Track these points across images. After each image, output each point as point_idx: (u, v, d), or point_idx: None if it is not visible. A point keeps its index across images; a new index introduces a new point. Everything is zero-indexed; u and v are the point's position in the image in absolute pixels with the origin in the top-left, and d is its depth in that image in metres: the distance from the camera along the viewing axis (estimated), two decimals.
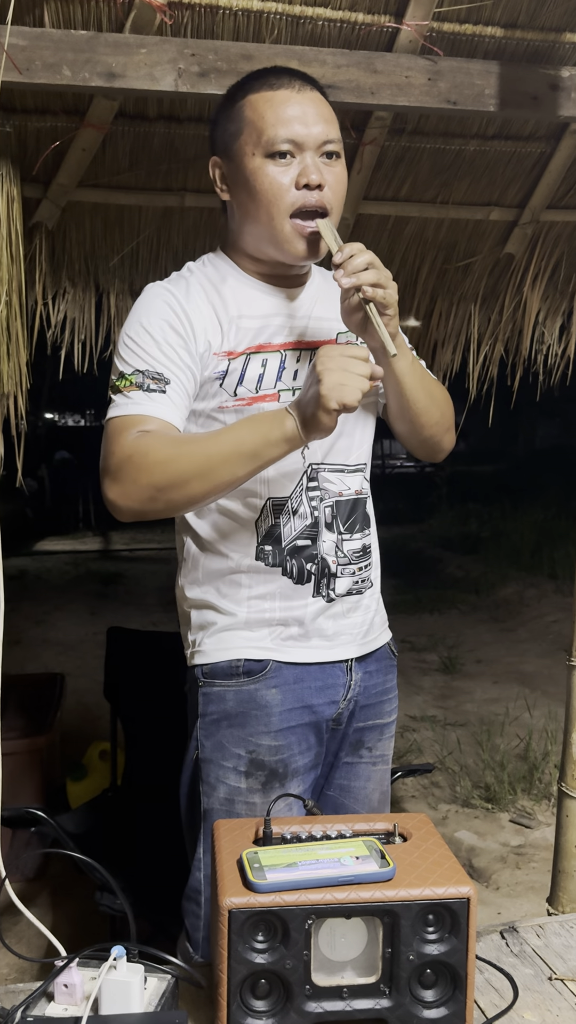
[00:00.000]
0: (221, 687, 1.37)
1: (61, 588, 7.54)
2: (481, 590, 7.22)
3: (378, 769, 1.52)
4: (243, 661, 1.37)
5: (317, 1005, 0.96)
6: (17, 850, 2.58)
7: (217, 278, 1.38)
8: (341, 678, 1.42)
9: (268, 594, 1.37)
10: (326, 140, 1.29)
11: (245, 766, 1.36)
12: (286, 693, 1.37)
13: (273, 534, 1.36)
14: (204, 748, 1.38)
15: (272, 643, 1.37)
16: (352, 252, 1.22)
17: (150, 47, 1.79)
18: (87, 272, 2.57)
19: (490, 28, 1.98)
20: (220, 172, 1.37)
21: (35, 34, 1.75)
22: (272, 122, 1.28)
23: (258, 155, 1.29)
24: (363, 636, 1.45)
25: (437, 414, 1.43)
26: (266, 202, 1.29)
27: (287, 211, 1.29)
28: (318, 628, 1.39)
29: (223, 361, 1.32)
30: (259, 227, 1.32)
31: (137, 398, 1.26)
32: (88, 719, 3.75)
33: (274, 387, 1.34)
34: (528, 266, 2.80)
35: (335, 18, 1.90)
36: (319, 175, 1.28)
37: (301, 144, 1.28)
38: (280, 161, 1.28)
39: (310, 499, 1.37)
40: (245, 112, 1.31)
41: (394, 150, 2.39)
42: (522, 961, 1.18)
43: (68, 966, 0.99)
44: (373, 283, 1.21)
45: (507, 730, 4.11)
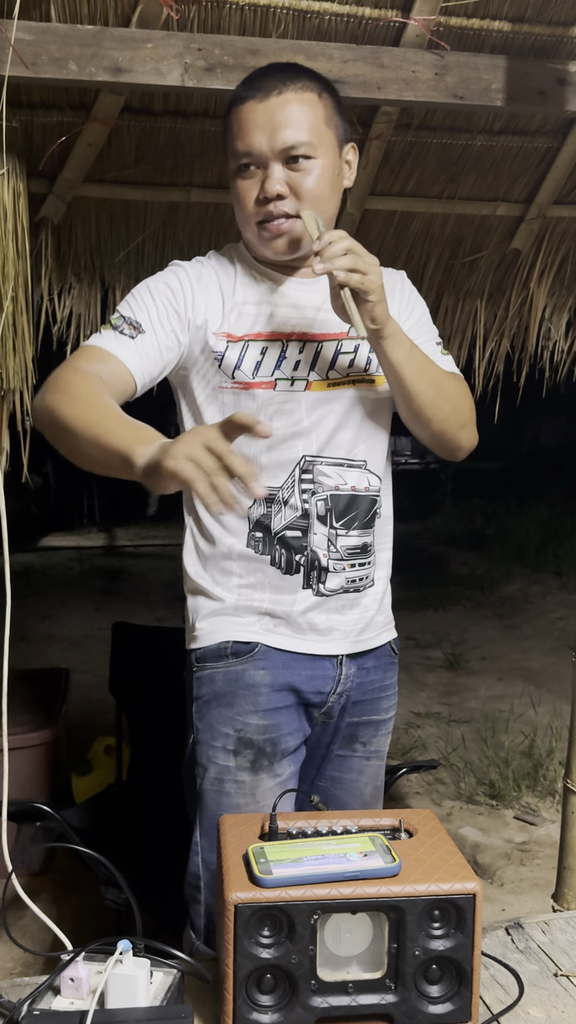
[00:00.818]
0: (211, 669, 1.40)
1: (66, 584, 7.55)
2: (486, 587, 7.21)
3: (371, 764, 1.52)
4: (231, 643, 1.39)
5: (322, 1000, 0.97)
6: (23, 844, 2.59)
7: (229, 265, 1.41)
8: (331, 671, 1.42)
9: (258, 584, 1.39)
10: (287, 147, 1.30)
11: (233, 744, 1.38)
12: (275, 675, 1.39)
13: (263, 523, 1.37)
14: (197, 730, 1.41)
15: (261, 628, 1.39)
16: (331, 239, 1.23)
17: (156, 42, 1.78)
18: (93, 267, 2.57)
19: (497, 22, 1.97)
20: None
21: (41, 28, 1.75)
22: (235, 135, 1.32)
23: (231, 167, 1.34)
24: (358, 634, 1.44)
25: (448, 408, 1.39)
26: (240, 213, 1.35)
27: (253, 221, 1.34)
28: (309, 622, 1.40)
29: (221, 342, 1.35)
30: (243, 231, 1.38)
31: (107, 336, 1.31)
32: (93, 714, 3.76)
33: (271, 375, 1.35)
34: (535, 262, 2.79)
35: (342, 12, 1.90)
36: (281, 185, 1.30)
37: (259, 156, 1.31)
38: (245, 174, 1.32)
39: (302, 491, 1.37)
40: (228, 123, 1.36)
41: (400, 145, 2.38)
42: (527, 957, 1.18)
43: (74, 960, 1.00)
44: (349, 268, 1.21)
45: (512, 727, 4.11)
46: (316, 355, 1.37)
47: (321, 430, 1.38)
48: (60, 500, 12.41)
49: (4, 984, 1.07)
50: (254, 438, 1.04)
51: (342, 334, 1.39)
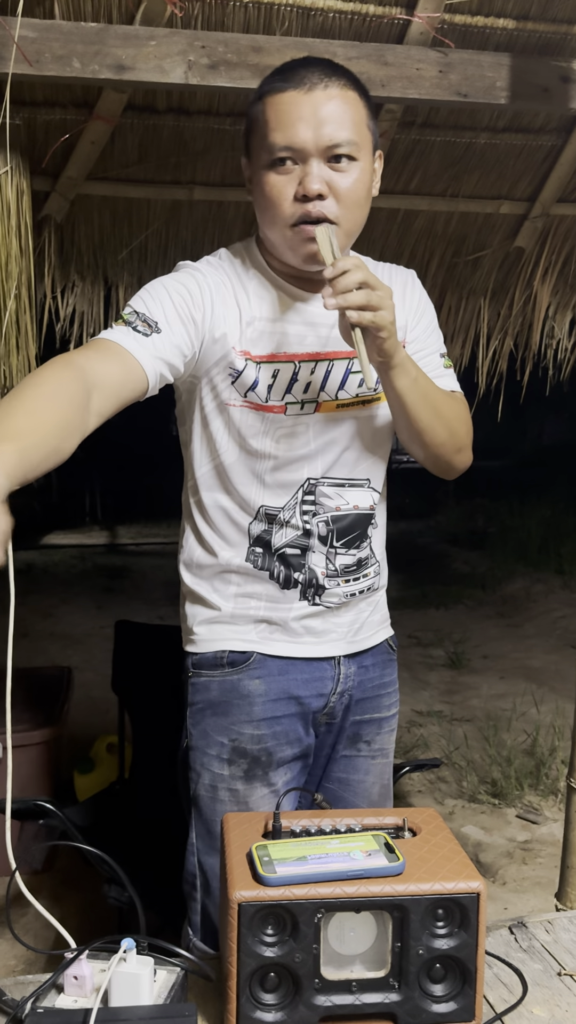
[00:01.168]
0: (207, 677, 1.40)
1: (68, 582, 7.55)
2: (488, 585, 7.20)
3: (377, 763, 1.51)
4: (227, 653, 1.39)
5: (326, 999, 0.96)
6: (25, 842, 2.59)
7: (244, 273, 1.33)
8: (329, 672, 1.42)
9: (255, 594, 1.38)
10: (332, 144, 1.21)
11: (228, 754, 1.38)
12: (270, 684, 1.38)
13: (264, 539, 1.36)
14: (192, 736, 1.41)
15: (257, 636, 1.39)
16: (345, 268, 1.14)
17: (160, 39, 1.78)
18: (96, 265, 2.57)
19: (501, 20, 1.97)
20: (247, 173, 1.32)
21: (45, 26, 1.75)
22: (273, 127, 1.21)
23: (263, 163, 1.24)
24: (353, 635, 1.44)
25: (445, 434, 1.35)
26: (270, 213, 1.25)
27: (287, 222, 1.23)
28: (305, 626, 1.39)
29: (240, 360, 1.29)
30: (269, 233, 1.28)
31: (119, 331, 1.21)
32: (95, 712, 3.76)
33: (281, 399, 1.30)
34: (538, 260, 2.79)
35: (346, 10, 1.90)
36: (321, 184, 1.20)
37: (301, 150, 1.20)
38: (281, 169, 1.22)
39: (303, 512, 1.35)
40: (257, 115, 1.26)
41: (404, 143, 2.38)
42: (531, 956, 1.18)
43: (78, 958, 1.00)
44: (362, 305, 1.14)
45: (514, 725, 4.11)
46: (327, 375, 1.33)
47: (327, 452, 1.35)
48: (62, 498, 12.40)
49: (7, 982, 1.07)
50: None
51: (353, 352, 1.32)
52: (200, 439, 1.36)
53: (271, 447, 1.33)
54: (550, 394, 3.18)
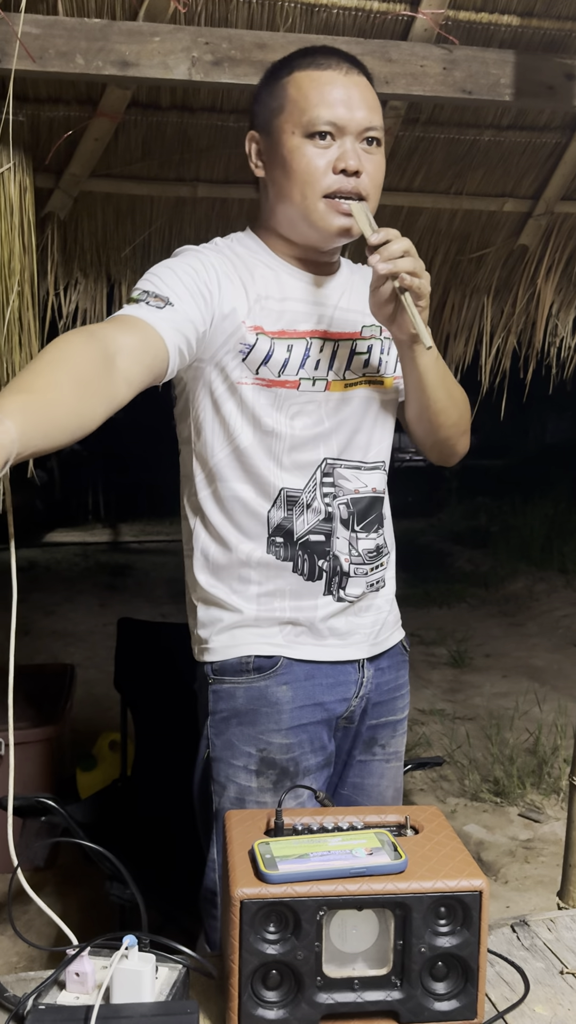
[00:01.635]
0: (231, 684, 1.35)
1: (71, 579, 7.56)
2: (490, 584, 7.20)
3: (392, 766, 1.51)
4: (253, 657, 1.34)
5: (328, 996, 0.96)
6: (27, 839, 2.60)
7: (248, 255, 1.34)
8: (353, 675, 1.40)
9: (278, 591, 1.34)
10: (368, 127, 1.26)
11: (256, 764, 1.34)
12: (297, 690, 1.35)
13: (285, 527, 1.33)
14: (215, 746, 1.36)
15: (283, 639, 1.35)
16: (388, 237, 1.19)
17: (164, 35, 1.78)
18: (99, 262, 2.57)
19: (506, 17, 1.96)
20: (257, 147, 1.33)
21: (48, 22, 1.75)
22: (315, 102, 1.24)
23: (298, 134, 1.25)
24: (375, 636, 1.43)
25: (455, 415, 1.40)
26: (301, 182, 1.26)
27: (321, 192, 1.25)
28: (331, 627, 1.37)
29: (251, 335, 1.28)
30: (292, 206, 1.28)
31: (132, 307, 1.21)
32: (98, 710, 3.76)
33: (296, 374, 1.31)
34: (542, 258, 2.78)
35: (350, 6, 1.89)
36: (357, 161, 1.25)
37: (343, 127, 1.24)
38: (320, 142, 1.25)
39: (324, 495, 1.34)
40: (289, 89, 1.27)
41: (408, 140, 2.37)
42: (533, 955, 1.18)
43: (80, 955, 0.99)
44: (410, 271, 1.18)
45: (516, 724, 4.10)
46: (334, 355, 1.34)
47: (341, 432, 1.35)
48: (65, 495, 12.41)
49: (9, 978, 1.07)
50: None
51: (356, 333, 1.37)
52: (212, 425, 1.33)
53: (286, 425, 1.31)
54: (553, 392, 3.17)
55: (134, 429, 7.79)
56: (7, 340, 2.05)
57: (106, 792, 2.41)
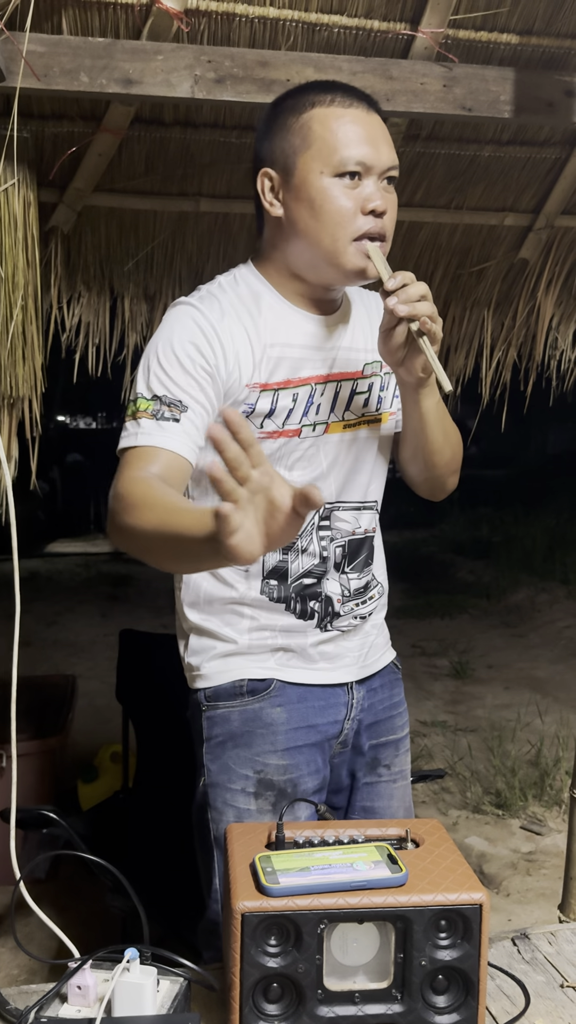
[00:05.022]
0: (225, 708, 1.35)
1: (72, 590, 7.56)
2: (492, 595, 7.20)
3: (399, 786, 1.50)
4: (247, 681, 1.35)
5: (329, 1009, 0.97)
6: (29, 851, 2.59)
7: (251, 300, 1.30)
8: (343, 698, 1.41)
9: (270, 626, 1.35)
10: (392, 166, 1.26)
11: (254, 787, 1.33)
12: (291, 712, 1.36)
13: (279, 570, 1.34)
14: (210, 773, 1.35)
15: (275, 663, 1.36)
16: (406, 280, 1.18)
17: (167, 54, 1.80)
18: (102, 276, 2.58)
19: (505, 35, 1.98)
20: (271, 185, 1.28)
21: (53, 41, 1.77)
22: (345, 142, 1.22)
23: (327, 174, 1.23)
24: (363, 659, 1.44)
25: (449, 454, 1.40)
26: (332, 224, 1.23)
27: (352, 235, 1.24)
28: (321, 652, 1.38)
29: (254, 393, 1.27)
30: (318, 248, 1.25)
31: (148, 428, 1.20)
32: (99, 721, 3.76)
33: (298, 422, 1.30)
34: (542, 271, 2.80)
35: (351, 25, 1.91)
36: (383, 202, 1.24)
37: (370, 167, 1.23)
38: (348, 183, 1.23)
39: (320, 538, 1.35)
40: (314, 126, 1.24)
41: (409, 156, 2.39)
42: (534, 968, 1.18)
43: (82, 968, 1.00)
44: (428, 315, 1.18)
45: (518, 736, 4.10)
46: (335, 396, 1.33)
47: (338, 474, 1.35)
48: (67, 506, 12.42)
49: (11, 991, 1.07)
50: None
51: (358, 373, 1.36)
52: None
53: (285, 474, 1.30)
54: (554, 404, 3.18)
55: None
56: (11, 353, 2.06)
57: (108, 804, 2.41)
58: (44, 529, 10.72)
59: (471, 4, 1.90)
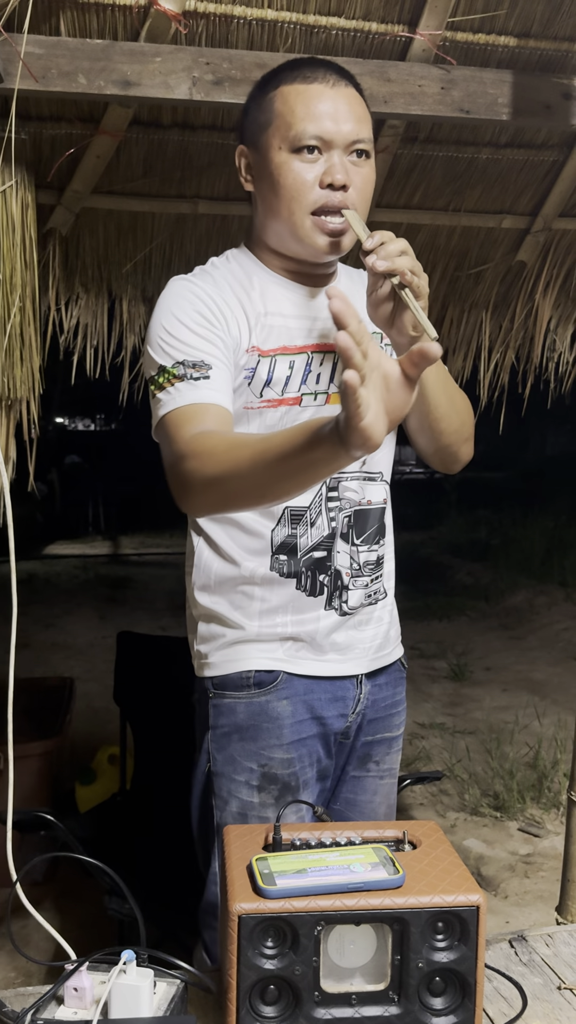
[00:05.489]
0: (232, 699, 1.35)
1: (70, 592, 7.56)
2: (491, 597, 7.20)
3: (385, 783, 1.50)
4: (253, 672, 1.34)
5: (326, 1011, 0.96)
6: (26, 854, 2.59)
7: (242, 274, 1.34)
8: (351, 691, 1.41)
9: (280, 606, 1.34)
10: (356, 139, 1.26)
11: (257, 780, 1.34)
12: (296, 704, 1.35)
13: (289, 544, 1.33)
14: (216, 761, 1.36)
15: (284, 654, 1.35)
16: (383, 239, 1.19)
17: (165, 56, 1.80)
18: (100, 278, 2.58)
19: (503, 37, 1.98)
20: (246, 162, 1.33)
21: (51, 43, 1.77)
22: (301, 116, 1.24)
23: (284, 149, 1.25)
24: (376, 651, 1.43)
25: (457, 422, 1.39)
26: (288, 198, 1.26)
27: (308, 208, 1.26)
28: (332, 642, 1.37)
29: (253, 357, 1.29)
30: (280, 222, 1.29)
31: (183, 388, 1.21)
32: (97, 723, 3.76)
33: (297, 390, 1.31)
34: (540, 274, 2.80)
35: (349, 27, 1.91)
36: (344, 175, 1.24)
37: (329, 141, 1.24)
38: (306, 157, 1.25)
39: (328, 509, 1.34)
40: (276, 103, 1.27)
41: (407, 158, 2.40)
42: (531, 970, 1.18)
43: (78, 970, 1.00)
44: (410, 268, 1.18)
45: (516, 738, 4.10)
46: (334, 367, 1.34)
47: None
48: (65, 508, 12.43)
49: (8, 993, 1.07)
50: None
51: None
52: None
53: None
54: (552, 406, 3.19)
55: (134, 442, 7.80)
56: (8, 355, 2.06)
57: (105, 806, 2.41)
58: (42, 531, 10.72)
59: (469, 6, 1.91)
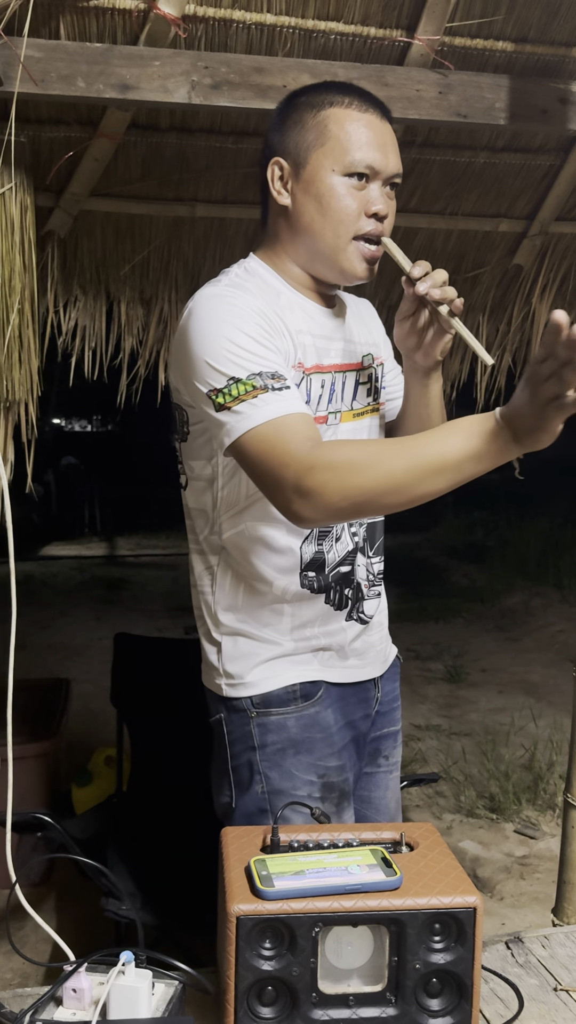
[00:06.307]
0: (279, 715, 1.33)
1: (67, 593, 7.55)
2: (487, 599, 7.20)
3: (393, 776, 1.54)
4: (299, 685, 1.34)
5: (323, 1013, 0.97)
6: (23, 855, 2.59)
7: (267, 289, 1.32)
8: (372, 692, 1.45)
9: (310, 621, 1.35)
10: (397, 173, 1.32)
11: (319, 791, 1.33)
12: (337, 712, 1.38)
13: (317, 560, 1.34)
14: (270, 780, 1.33)
15: (320, 665, 1.37)
16: (427, 267, 1.26)
17: (164, 59, 1.80)
18: (98, 280, 2.59)
19: (500, 42, 1.99)
20: (281, 175, 1.31)
21: (51, 46, 1.77)
22: (358, 144, 1.27)
23: (337, 172, 1.27)
24: (384, 652, 1.48)
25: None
26: (335, 221, 1.28)
27: (352, 233, 1.29)
28: (353, 649, 1.40)
29: (298, 374, 1.29)
30: (319, 242, 1.30)
31: (270, 400, 1.16)
32: (94, 725, 3.76)
33: (325, 410, 1.33)
34: (536, 277, 2.82)
35: (347, 32, 1.92)
36: (385, 206, 1.30)
37: (378, 172, 1.28)
38: (355, 183, 1.27)
39: (350, 525, 1.37)
40: (330, 125, 1.28)
41: (404, 162, 2.37)
42: (527, 971, 1.19)
43: (77, 971, 1.00)
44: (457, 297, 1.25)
45: (512, 740, 4.10)
46: (344, 385, 1.37)
47: None
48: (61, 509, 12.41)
49: (6, 995, 1.07)
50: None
51: (359, 364, 1.40)
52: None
53: None
54: None
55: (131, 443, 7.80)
56: (7, 357, 2.06)
57: (102, 807, 2.41)
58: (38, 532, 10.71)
59: (467, 12, 1.92)
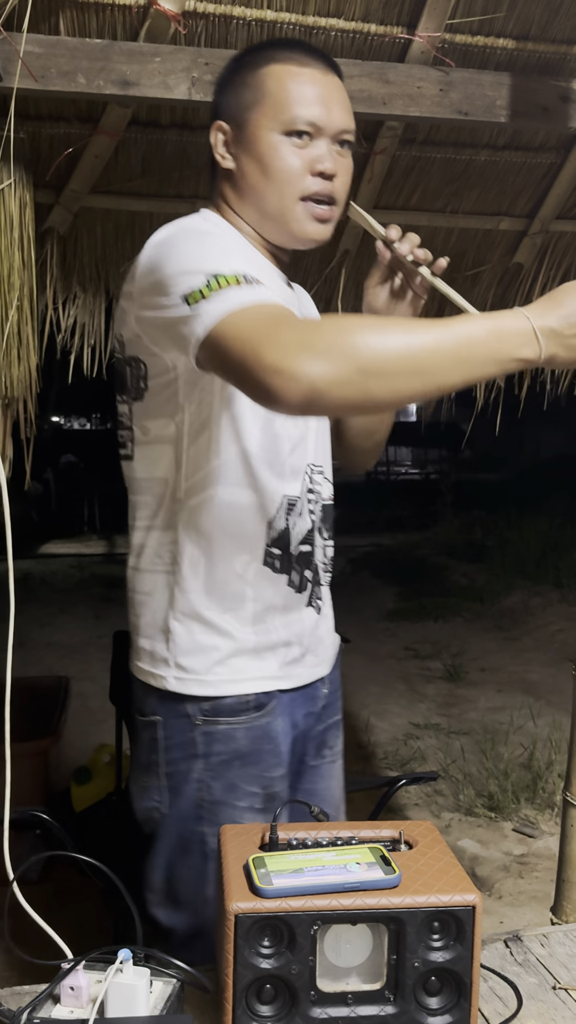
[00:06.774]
0: (228, 725, 1.26)
1: (66, 591, 7.55)
2: (486, 598, 7.20)
3: (336, 765, 1.48)
4: (254, 695, 1.27)
5: (322, 1011, 0.97)
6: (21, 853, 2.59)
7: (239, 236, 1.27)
8: (320, 691, 1.40)
9: (272, 607, 1.28)
10: (344, 129, 1.24)
11: (261, 803, 1.29)
12: (285, 719, 1.32)
13: (283, 537, 1.28)
14: (211, 790, 1.27)
15: (279, 670, 1.31)
16: (400, 230, 1.24)
17: (164, 56, 1.80)
18: (98, 278, 2.58)
19: (502, 40, 1.99)
20: (224, 139, 1.26)
21: (51, 42, 1.77)
22: (297, 100, 1.20)
23: (275, 131, 1.21)
24: (334, 647, 1.44)
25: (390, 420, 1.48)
26: (279, 181, 1.22)
27: (299, 194, 1.22)
28: (311, 645, 1.35)
29: None
30: (266, 204, 1.24)
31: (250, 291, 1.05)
32: (93, 723, 3.75)
33: None
34: (537, 276, 2.81)
35: (348, 28, 1.92)
36: (333, 164, 1.22)
37: (321, 129, 1.21)
38: (297, 141, 1.21)
39: (309, 500, 1.31)
40: (267, 82, 1.22)
41: (405, 160, 2.40)
42: (526, 970, 1.18)
43: (74, 968, 1.00)
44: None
45: (511, 739, 4.11)
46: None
47: (317, 435, 1.34)
48: (60, 507, 12.41)
49: (3, 992, 1.07)
50: None
51: None
52: (218, 423, 1.21)
53: (289, 425, 1.27)
54: (548, 408, 3.19)
55: None
56: (6, 354, 2.06)
57: (101, 805, 2.41)
58: (38, 530, 10.70)
59: (468, 9, 1.91)
